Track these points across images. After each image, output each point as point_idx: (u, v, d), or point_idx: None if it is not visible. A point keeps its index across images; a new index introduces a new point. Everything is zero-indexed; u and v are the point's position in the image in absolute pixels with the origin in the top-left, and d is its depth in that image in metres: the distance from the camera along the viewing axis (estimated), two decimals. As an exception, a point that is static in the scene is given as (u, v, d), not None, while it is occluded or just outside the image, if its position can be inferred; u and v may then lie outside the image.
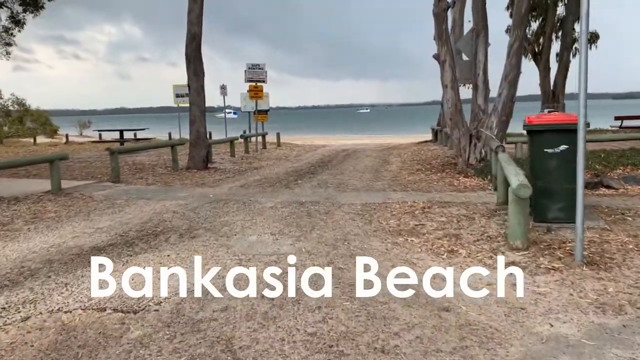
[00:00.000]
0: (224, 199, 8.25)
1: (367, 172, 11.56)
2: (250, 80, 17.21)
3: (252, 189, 9.45)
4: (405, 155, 15.45)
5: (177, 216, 6.97)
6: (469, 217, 6.16)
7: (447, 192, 8.10)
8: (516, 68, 10.58)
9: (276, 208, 7.28)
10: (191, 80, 12.99)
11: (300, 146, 22.10)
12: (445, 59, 11.13)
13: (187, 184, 10.29)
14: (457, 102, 11.11)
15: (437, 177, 9.93)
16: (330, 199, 7.95)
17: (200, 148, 12.91)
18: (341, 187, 9.34)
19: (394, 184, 9.31)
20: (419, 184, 9.11)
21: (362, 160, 14.84)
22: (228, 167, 13.39)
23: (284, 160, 15.30)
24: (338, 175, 11.23)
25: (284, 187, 9.50)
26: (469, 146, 11.04)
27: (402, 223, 6.03)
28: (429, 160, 13.30)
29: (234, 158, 15.55)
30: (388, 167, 12.42)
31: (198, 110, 13.00)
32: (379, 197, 7.95)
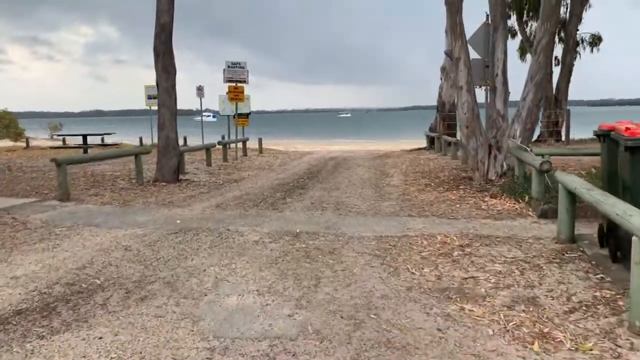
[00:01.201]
0: (195, 227, 6.43)
1: (367, 187, 9.84)
2: (229, 81, 15.39)
3: (230, 210, 7.64)
4: (404, 166, 13.77)
5: (129, 257, 5.13)
6: (532, 265, 4.46)
7: (480, 220, 6.41)
8: (544, 68, 9.00)
9: (263, 244, 5.49)
10: (160, 77, 11.13)
11: (284, 153, 20.32)
12: (459, 55, 9.49)
13: (151, 202, 8.42)
14: (475, 106, 9.46)
15: (456, 196, 8.24)
16: (332, 228, 6.19)
17: (170, 157, 11.05)
18: (341, 208, 7.59)
19: (405, 206, 7.60)
20: (437, 206, 7.41)
21: (356, 170, 13.12)
22: (203, 179, 11.54)
23: (267, 170, 13.50)
24: (333, 191, 9.48)
25: (270, 209, 7.72)
26: (488, 158, 9.40)
27: (442, 274, 4.31)
28: (435, 172, 11.64)
29: (211, 168, 13.69)
30: (389, 181, 10.71)
31: (168, 113, 11.14)
32: (394, 225, 6.22)
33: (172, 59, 11.24)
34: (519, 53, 23.39)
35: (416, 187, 9.56)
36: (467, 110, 9.38)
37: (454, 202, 7.67)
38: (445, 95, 19.99)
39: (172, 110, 11.21)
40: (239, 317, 3.51)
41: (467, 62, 9.48)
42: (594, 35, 21.82)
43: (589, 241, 4.97)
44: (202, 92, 21.78)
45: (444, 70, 20.09)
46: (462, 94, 9.44)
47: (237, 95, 15.32)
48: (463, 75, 9.43)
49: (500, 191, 8.03)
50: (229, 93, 15.32)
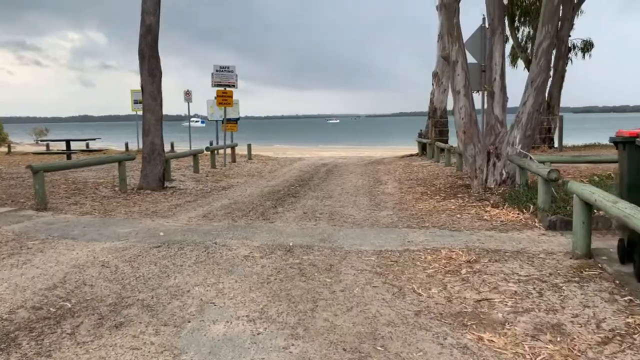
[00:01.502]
0: (179, 239, 5.97)
1: (361, 195, 9.43)
2: (218, 85, 14.93)
3: (218, 221, 7.19)
4: (397, 173, 13.40)
5: (106, 275, 4.67)
6: (550, 284, 4.06)
7: (484, 232, 6.02)
8: (545, 71, 8.67)
9: (253, 259, 5.05)
10: (145, 81, 10.67)
11: (274, 159, 19.88)
12: (457, 59, 9.14)
13: (133, 212, 7.94)
14: (472, 111, 9.11)
15: (455, 205, 7.86)
16: (327, 240, 5.76)
17: (156, 164, 10.57)
18: (335, 218, 7.18)
19: (404, 216, 7.20)
20: (437, 216, 7.01)
21: (348, 177, 12.73)
22: (190, 187, 11.07)
23: (257, 177, 13.06)
24: (326, 199, 9.06)
25: (260, 219, 7.28)
26: (487, 166, 9.05)
27: (452, 295, 3.90)
28: (430, 180, 11.27)
29: (198, 175, 13.21)
30: (383, 189, 10.32)
31: (154, 119, 10.67)
32: (394, 238, 5.81)
33: (158, 62, 10.78)
34: (510, 59, 23.19)
35: (412, 195, 9.17)
36: (464, 115, 9.03)
37: (454, 212, 7.29)
38: (437, 101, 19.71)
39: (158, 115, 10.74)
40: (226, 350, 3.07)
41: (464, 66, 9.14)
42: (586, 41, 21.70)
43: (607, 257, 4.59)
44: (190, 97, 21.34)
45: (435, 76, 19.83)
46: (460, 98, 9.09)
47: (225, 100, 14.87)
48: (460, 79, 9.08)
49: (502, 200, 7.66)
50: (217, 97, 14.86)
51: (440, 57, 19.59)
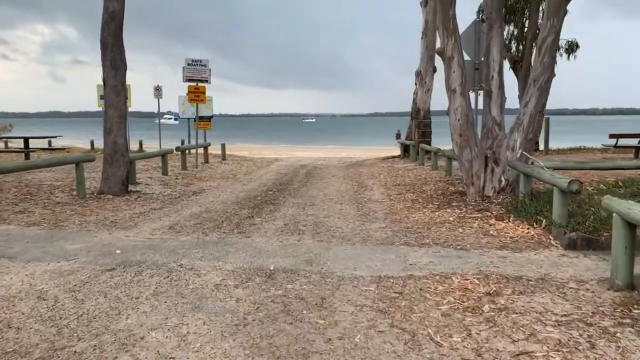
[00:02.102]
0: (138, 260, 5.02)
1: (346, 203, 8.59)
2: (189, 80, 13.90)
3: (186, 234, 6.25)
4: (382, 177, 12.60)
5: (40, 311, 3.71)
6: (597, 328, 3.27)
7: (494, 251, 5.23)
8: (549, 69, 7.94)
9: (227, 289, 4.14)
10: (107, 74, 9.63)
11: (250, 159, 18.90)
12: (452, 55, 8.36)
13: (89, 222, 6.94)
14: (469, 112, 8.35)
15: (453, 216, 7.07)
16: (315, 262, 4.89)
17: (118, 166, 9.54)
18: (321, 231, 6.31)
19: (398, 229, 6.37)
20: (437, 230, 6.20)
21: (330, 181, 11.87)
22: (157, 191, 10.06)
23: (231, 180, 12.10)
24: (309, 207, 8.19)
25: (235, 232, 6.37)
26: (484, 172, 8.30)
27: (481, 346, 3.06)
28: (419, 185, 10.48)
29: (167, 177, 12.18)
30: (370, 195, 9.50)
31: (116, 115, 9.64)
32: (393, 259, 4.96)
33: (122, 52, 9.76)
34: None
35: (403, 203, 8.36)
36: (460, 116, 8.26)
37: (455, 225, 6.48)
38: (420, 101, 19.00)
39: (121, 112, 9.71)
40: None
41: (460, 62, 8.37)
42: (571, 42, 21.27)
43: (654, 288, 3.83)
44: (160, 92, 20.22)
45: (418, 75, 19.12)
46: (455, 97, 8.31)
47: (197, 97, 13.85)
48: (456, 76, 8.31)
49: (506, 212, 6.89)
50: (189, 94, 13.84)
51: (424, 55, 18.92)
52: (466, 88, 8.38)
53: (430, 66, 18.88)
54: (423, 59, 18.92)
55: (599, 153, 17.78)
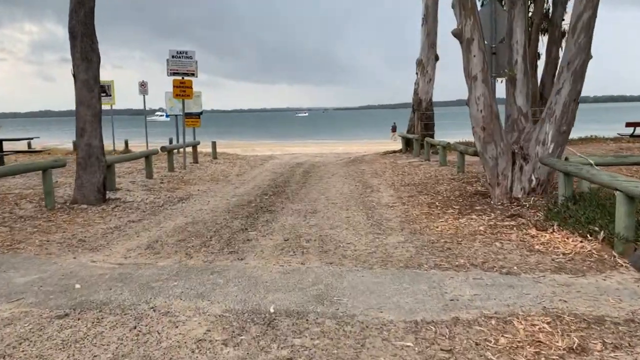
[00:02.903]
0: (100, 300, 3.92)
1: (354, 208, 7.52)
2: (174, 73, 12.74)
3: (166, 257, 5.16)
4: (387, 175, 11.53)
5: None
6: None
7: (550, 275, 4.16)
8: (585, 51, 6.88)
9: (212, 348, 3.05)
10: (78, 67, 8.47)
11: (242, 158, 17.77)
12: (472, 36, 7.28)
13: (52, 242, 5.83)
14: (493, 102, 7.28)
15: (482, 224, 6.01)
16: (327, 299, 3.81)
17: (93, 171, 8.42)
18: (329, 249, 5.23)
19: (422, 244, 5.29)
20: (469, 245, 5.13)
21: (331, 181, 10.80)
22: (139, 198, 8.94)
23: (222, 183, 10.99)
24: (310, 215, 7.11)
25: (225, 251, 5.28)
26: (512, 170, 7.24)
27: None
28: (431, 185, 9.42)
29: (152, 181, 11.05)
30: (378, 198, 8.42)
31: (90, 114, 8.50)
32: (426, 292, 3.89)
33: (95, 43, 8.60)
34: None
35: (419, 208, 7.29)
36: (483, 107, 7.19)
37: (489, 237, 5.42)
38: (422, 92, 17.93)
39: (95, 110, 8.57)
40: None
41: (481, 45, 7.29)
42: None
43: None
44: (146, 88, 19.06)
45: (419, 64, 18.03)
46: (477, 85, 7.23)
47: (183, 92, 12.69)
48: (477, 61, 7.23)
49: (545, 218, 5.84)
50: (174, 88, 12.68)
51: (425, 43, 17.83)
52: (489, 74, 7.31)
53: (432, 54, 17.80)
54: (424, 47, 17.84)
55: (612, 143, 16.79)
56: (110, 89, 18.70)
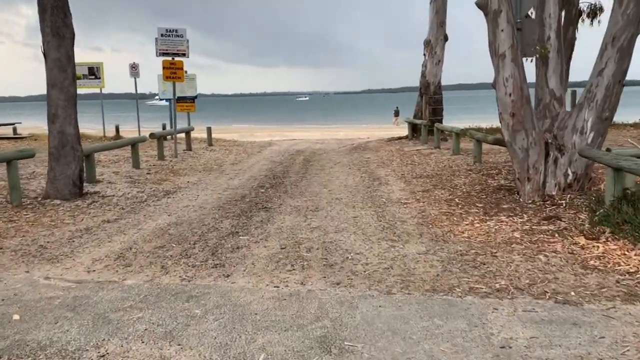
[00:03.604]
0: (38, 341, 2.99)
1: (361, 206, 6.58)
2: (164, 53, 11.71)
3: (137, 271, 4.24)
4: (395, 164, 10.57)
5: None
6: None
7: (622, 305, 3.24)
8: (635, 24, 5.88)
9: None
10: (49, 44, 7.47)
11: (239, 144, 16.80)
12: (499, 7, 6.27)
13: (6, 250, 4.90)
14: (524, 84, 6.30)
15: (516, 229, 5.07)
16: (334, 343, 2.87)
17: (68, 162, 7.47)
18: (336, 264, 4.30)
19: (449, 257, 4.36)
20: (507, 260, 4.19)
21: (334, 172, 9.86)
22: (120, 192, 8.01)
23: (215, 173, 10.05)
24: (312, 214, 6.18)
25: (209, 264, 4.36)
26: (545, 163, 6.28)
27: None
28: (447, 177, 8.46)
29: (139, 171, 10.10)
30: (388, 192, 7.48)
31: (62, 97, 7.52)
32: (466, 333, 2.97)
33: (68, 17, 7.59)
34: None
35: (436, 206, 6.34)
36: (512, 90, 6.21)
37: (528, 248, 4.48)
38: (430, 74, 16.85)
39: (69, 94, 7.59)
40: None
41: (510, 17, 6.28)
42: (593, 5, 19.10)
43: None
44: (137, 71, 18.02)
45: (427, 45, 16.93)
46: (505, 65, 6.25)
47: (174, 73, 11.68)
48: (506, 36, 6.23)
49: (591, 223, 4.89)
50: (164, 70, 11.67)
51: (434, 21, 16.73)
52: (519, 52, 6.32)
53: (440, 34, 16.70)
54: (432, 26, 16.73)
55: (633, 129, 15.78)
56: (99, 71, 17.68)
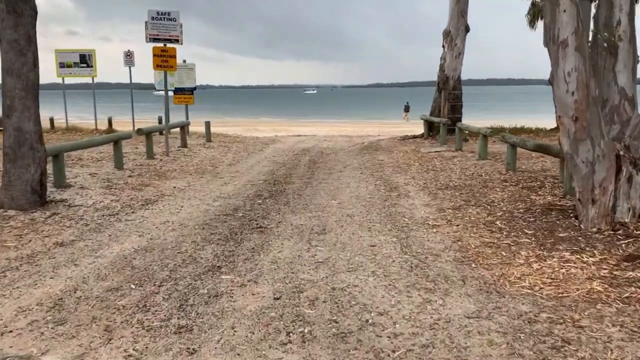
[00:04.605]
0: None
1: (379, 229, 5.29)
2: (154, 39, 10.40)
3: (67, 337, 2.98)
4: (413, 169, 9.25)
5: None
6: None
7: None
8: None
9: None
10: (3, 22, 6.19)
11: (241, 140, 15.49)
12: (560, -18, 4.93)
13: None
14: (589, 80, 4.95)
15: (593, 277, 3.76)
16: None
17: (26, 165, 6.21)
18: (351, 333, 3.01)
19: (511, 327, 3.06)
20: (600, 337, 2.89)
21: (343, 177, 8.57)
22: (91, 200, 6.74)
23: (208, 177, 8.77)
24: (316, 237, 4.90)
25: (171, 327, 3.09)
26: (615, 181, 4.95)
27: None
28: (479, 189, 7.13)
29: (120, 173, 8.83)
30: (410, 209, 6.18)
31: (19, 86, 6.23)
32: None
33: (29, -9, 6.30)
34: (528, 19, 19.09)
35: (475, 232, 5.03)
36: (575, 86, 4.87)
37: (623, 313, 3.17)
38: (449, 68, 15.48)
39: (28, 82, 6.30)
40: None
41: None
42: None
43: None
44: (132, 59, 16.74)
45: (447, 36, 15.55)
46: (567, 55, 4.91)
47: (165, 62, 10.37)
48: (568, 17, 4.90)
49: None
50: (154, 58, 10.35)
51: (454, 10, 15.33)
52: (584, 39, 4.98)
53: (462, 24, 15.32)
54: (453, 15, 15.34)
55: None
56: (91, 59, 16.42)
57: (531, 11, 18.97)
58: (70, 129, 16.62)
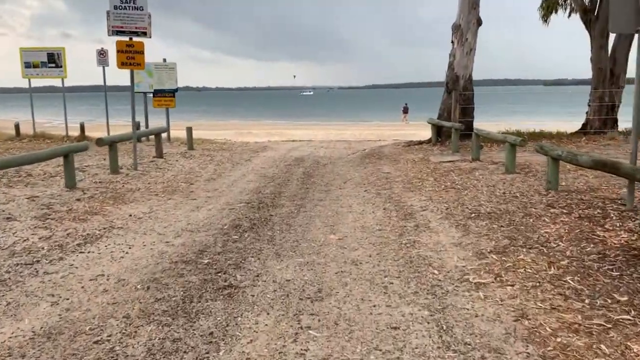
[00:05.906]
0: None
1: (399, 290, 3.68)
2: (118, 32, 8.73)
3: None
4: (429, 186, 7.63)
5: None
6: None
7: None
8: None
9: None
10: None
11: (227, 148, 13.84)
12: None
13: None
14: None
15: None
16: None
17: None
18: None
19: None
20: None
21: (344, 195, 6.97)
22: (12, 238, 5.10)
23: (179, 197, 7.14)
24: (309, 308, 3.30)
25: None
26: None
27: None
28: (521, 217, 5.49)
29: (67, 194, 7.15)
30: (437, 250, 4.56)
31: None
32: None
33: None
34: (542, 12, 17.46)
35: (542, 297, 3.41)
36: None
37: None
38: (459, 66, 13.87)
39: None
40: None
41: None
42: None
43: None
44: (106, 58, 15.08)
45: (457, 30, 13.95)
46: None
47: (132, 58, 8.70)
48: None
49: None
50: (118, 54, 8.68)
51: (464, 2, 13.73)
52: None
53: (473, 17, 13.71)
54: (463, 8, 13.74)
55: None
56: (60, 58, 14.75)
57: (544, 4, 17.35)
58: (39, 135, 14.94)
